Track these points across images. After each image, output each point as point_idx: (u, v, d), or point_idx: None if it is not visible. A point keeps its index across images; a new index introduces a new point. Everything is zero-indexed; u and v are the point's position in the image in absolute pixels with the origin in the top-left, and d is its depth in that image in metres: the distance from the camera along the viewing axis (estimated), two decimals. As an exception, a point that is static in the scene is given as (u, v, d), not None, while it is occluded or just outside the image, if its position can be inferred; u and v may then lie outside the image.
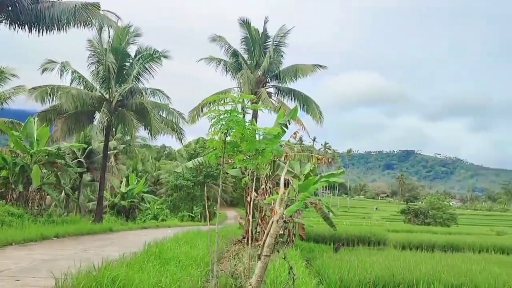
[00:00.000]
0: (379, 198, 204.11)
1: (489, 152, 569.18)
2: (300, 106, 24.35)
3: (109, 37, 23.94)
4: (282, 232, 14.63)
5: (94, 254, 10.18)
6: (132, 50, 25.06)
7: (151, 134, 23.76)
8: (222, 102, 7.97)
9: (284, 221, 15.03)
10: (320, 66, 25.03)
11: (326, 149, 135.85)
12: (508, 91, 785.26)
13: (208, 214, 8.83)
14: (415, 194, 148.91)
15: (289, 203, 16.62)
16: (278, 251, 7.01)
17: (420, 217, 64.95)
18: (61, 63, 21.50)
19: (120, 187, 36.05)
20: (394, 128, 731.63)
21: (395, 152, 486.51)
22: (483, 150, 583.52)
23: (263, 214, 14.11)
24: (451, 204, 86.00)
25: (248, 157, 6.84)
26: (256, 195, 14.95)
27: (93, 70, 23.78)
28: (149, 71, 24.99)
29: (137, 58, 24.87)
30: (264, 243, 4.75)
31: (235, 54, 24.91)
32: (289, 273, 5.52)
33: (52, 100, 22.91)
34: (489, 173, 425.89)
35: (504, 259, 16.18)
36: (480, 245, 20.52)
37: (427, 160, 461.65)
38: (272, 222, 4.89)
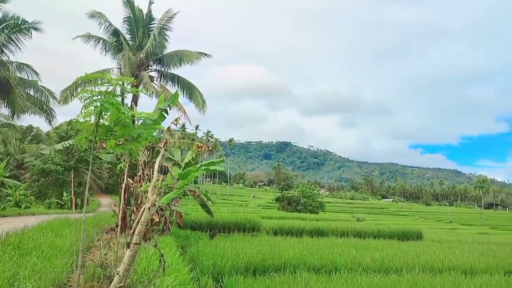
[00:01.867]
0: (257, 186, 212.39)
1: (355, 146, 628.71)
2: (184, 93, 24.03)
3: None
4: (158, 220, 14.39)
5: None
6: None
7: (13, 114, 21.38)
8: (98, 82, 7.48)
9: (161, 209, 14.81)
10: (205, 54, 24.91)
11: (209, 138, 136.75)
12: (374, 93, 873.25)
13: (77, 201, 8.28)
14: (289, 183, 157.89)
15: (167, 190, 16.42)
16: (150, 239, 6.87)
17: (293, 204, 69.17)
18: None
19: (-25, 170, 31.89)
20: (275, 120, 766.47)
21: (274, 143, 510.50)
22: (350, 144, 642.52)
23: (139, 201, 13.70)
24: (320, 193, 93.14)
25: (122, 142, 6.53)
26: (131, 182, 14.44)
27: None
28: (15, 43, 22.34)
29: (1, 27, 22.05)
30: (134, 231, 4.61)
31: (116, 33, 23.52)
32: (159, 260, 5.45)
33: None
34: (354, 165, 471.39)
35: (360, 242, 18.01)
36: (342, 230, 22.50)
37: (302, 151, 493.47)
38: (144, 209, 4.76)
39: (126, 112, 6.28)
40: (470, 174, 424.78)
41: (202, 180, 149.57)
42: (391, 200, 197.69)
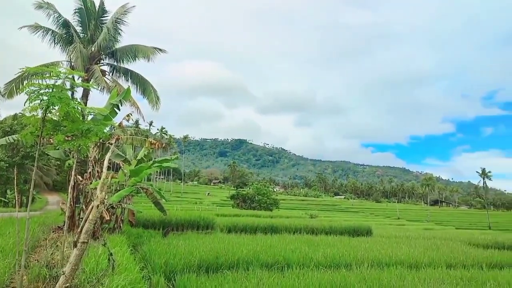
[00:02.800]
0: (212, 184, 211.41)
1: (309, 145, 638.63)
2: (137, 88, 23.48)
3: None
4: (109, 218, 14.02)
5: None
6: None
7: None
8: (46, 75, 7.17)
9: (112, 207, 14.42)
10: (160, 49, 24.44)
11: (163, 134, 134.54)
12: (328, 93, 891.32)
13: (22, 199, 7.91)
14: (244, 180, 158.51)
15: (119, 188, 16.03)
16: (98, 238, 6.69)
17: (248, 202, 69.41)
18: None
19: None
20: (231, 118, 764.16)
21: (229, 141, 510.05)
22: (305, 143, 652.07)
23: (88, 199, 13.29)
24: (274, 190, 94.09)
25: (71, 137, 6.30)
26: (81, 179, 13.99)
27: None
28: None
29: None
30: (81, 229, 4.47)
31: (66, 24, 22.58)
32: (108, 259, 5.32)
33: None
34: (308, 163, 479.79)
35: (313, 239, 18.36)
36: (295, 227, 22.84)
37: (257, 149, 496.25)
38: (92, 207, 4.62)
39: (75, 107, 6.08)
40: (417, 172, 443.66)
41: (156, 178, 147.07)
42: (343, 197, 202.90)
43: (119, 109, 9.37)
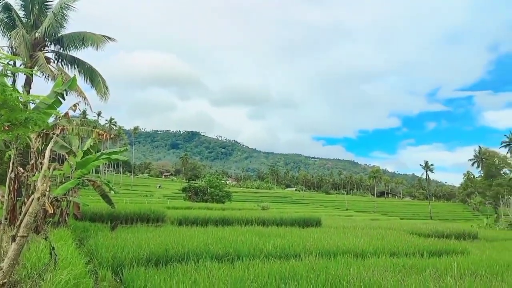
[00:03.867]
0: (163, 176, 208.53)
1: (262, 138, 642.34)
2: (84, 78, 22.65)
3: None
4: (53, 212, 13.47)
5: None
6: None
7: None
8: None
9: (57, 200, 13.87)
10: (109, 38, 23.64)
11: (112, 125, 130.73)
12: (282, 87, 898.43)
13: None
14: (196, 173, 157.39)
15: (64, 180, 15.44)
16: (41, 232, 6.42)
17: (200, 194, 69.08)
18: None
19: None
20: (184, 110, 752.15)
21: (182, 133, 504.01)
22: (258, 135, 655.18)
23: (30, 192, 12.70)
24: (227, 182, 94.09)
25: (9, 127, 5.98)
26: (23, 171, 13.35)
27: None
28: None
29: None
30: (21, 223, 4.26)
31: (7, 8, 21.33)
32: (50, 254, 5.12)
33: None
34: (260, 156, 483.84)
35: (264, 230, 18.57)
36: (246, 219, 23.00)
37: (210, 141, 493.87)
38: (32, 200, 4.42)
39: (14, 94, 5.76)
40: (365, 165, 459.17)
41: (105, 170, 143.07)
42: (294, 189, 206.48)
43: (64, 99, 8.99)
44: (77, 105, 15.00)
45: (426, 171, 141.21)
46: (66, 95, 9.39)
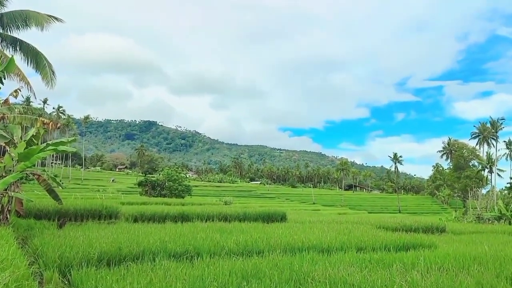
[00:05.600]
0: (117, 169, 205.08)
1: (225, 128, 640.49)
2: (28, 61, 21.87)
3: None
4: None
5: None
6: None
7: None
8: None
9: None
10: (56, 18, 22.85)
11: (60, 114, 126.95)
12: (247, 76, 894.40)
13: None
14: (154, 166, 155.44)
15: (4, 174, 14.89)
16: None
17: (157, 189, 68.44)
18: None
19: None
20: (140, 98, 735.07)
21: (137, 122, 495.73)
22: (221, 126, 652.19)
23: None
24: (187, 176, 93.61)
25: None
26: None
27: None
28: None
29: None
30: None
31: None
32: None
33: None
34: (223, 147, 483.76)
35: (226, 226, 18.60)
36: (207, 214, 22.96)
37: (168, 132, 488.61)
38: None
39: None
40: (333, 157, 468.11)
41: (52, 163, 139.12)
42: (259, 182, 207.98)
43: (2, 83, 8.63)
44: (18, 91, 14.48)
45: (395, 163, 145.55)
46: (5, 79, 9.04)
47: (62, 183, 20.02)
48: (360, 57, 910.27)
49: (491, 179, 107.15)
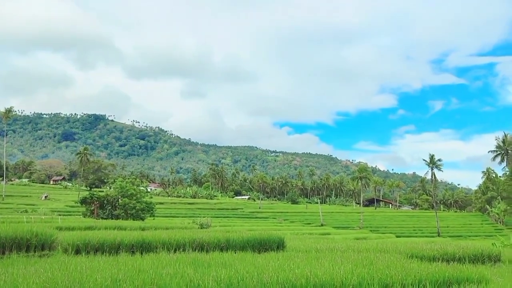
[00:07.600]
0: (52, 182, 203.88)
1: (200, 124, 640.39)
2: None
3: None
4: None
5: None
6: None
7: None
8: None
9: None
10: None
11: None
12: (227, 52, 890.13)
13: None
14: (102, 176, 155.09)
15: None
16: None
17: (107, 207, 68.17)
18: None
19: None
20: (84, 84, 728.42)
21: (79, 117, 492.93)
22: (194, 120, 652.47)
23: None
24: (148, 189, 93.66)
25: None
26: None
27: None
28: None
29: None
30: None
31: None
32: None
33: None
34: (198, 150, 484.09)
35: (202, 257, 18.52)
36: (177, 242, 22.89)
37: (122, 129, 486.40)
38: None
39: None
40: (347, 161, 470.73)
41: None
42: (247, 197, 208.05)
43: None
44: None
45: (432, 169, 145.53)
46: None
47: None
48: (384, 25, 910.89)
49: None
